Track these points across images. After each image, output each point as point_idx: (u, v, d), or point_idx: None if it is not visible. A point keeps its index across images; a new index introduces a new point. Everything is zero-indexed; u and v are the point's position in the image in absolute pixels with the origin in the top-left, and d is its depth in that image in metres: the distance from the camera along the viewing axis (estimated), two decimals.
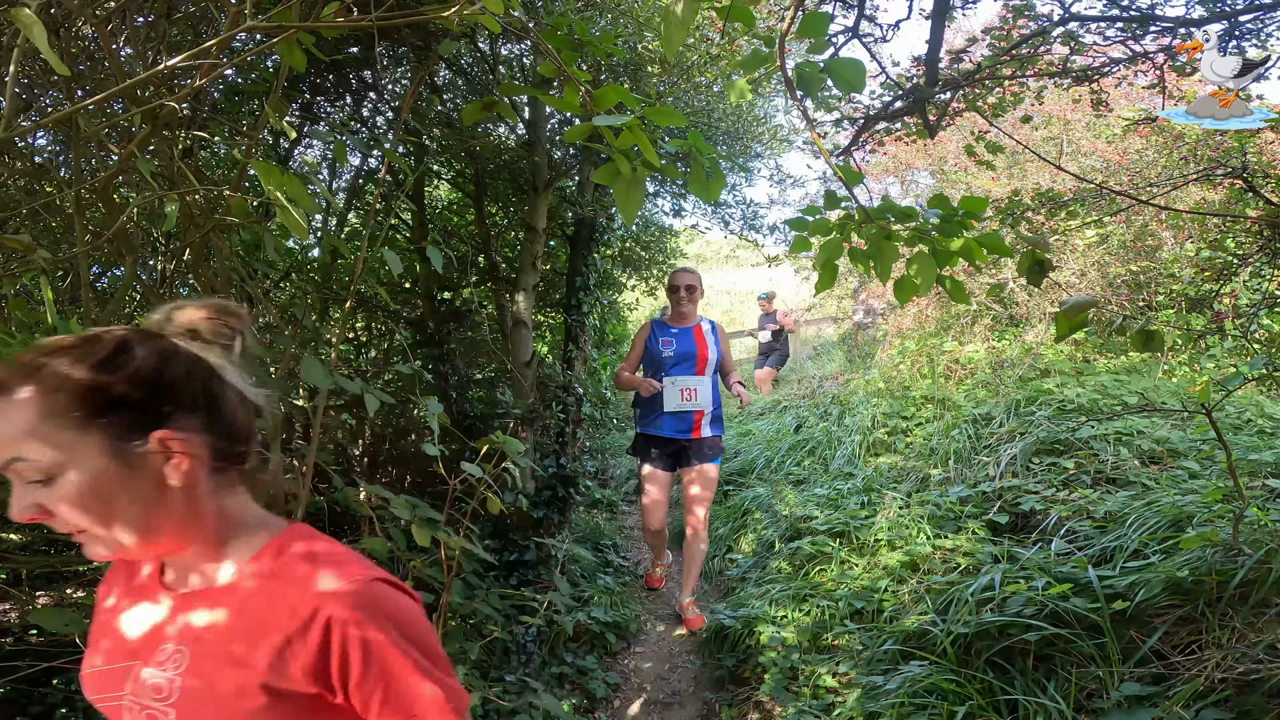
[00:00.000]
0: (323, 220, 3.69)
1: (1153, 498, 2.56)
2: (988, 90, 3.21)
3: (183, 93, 1.35)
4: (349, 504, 2.15)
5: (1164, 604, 1.99)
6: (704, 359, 3.49)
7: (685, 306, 3.53)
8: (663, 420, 3.51)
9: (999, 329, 6.11)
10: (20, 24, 0.76)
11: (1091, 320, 4.92)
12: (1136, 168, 5.41)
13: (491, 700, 2.36)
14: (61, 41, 1.57)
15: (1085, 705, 1.87)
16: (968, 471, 3.67)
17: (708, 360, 3.50)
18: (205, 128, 2.09)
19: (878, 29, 3.18)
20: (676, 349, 3.50)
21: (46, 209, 1.91)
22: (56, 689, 2.03)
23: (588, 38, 1.48)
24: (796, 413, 6.30)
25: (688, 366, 3.49)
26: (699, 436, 3.50)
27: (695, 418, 3.49)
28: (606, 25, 3.64)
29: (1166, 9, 8.37)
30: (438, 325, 3.61)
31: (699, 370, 3.50)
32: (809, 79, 1.34)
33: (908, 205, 1.44)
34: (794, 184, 7.15)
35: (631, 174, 1.29)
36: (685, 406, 3.45)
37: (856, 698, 2.30)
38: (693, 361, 3.49)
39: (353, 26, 1.07)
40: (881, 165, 8.97)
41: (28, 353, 0.68)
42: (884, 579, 2.96)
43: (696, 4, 1.20)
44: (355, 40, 2.75)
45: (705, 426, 3.51)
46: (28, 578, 2.54)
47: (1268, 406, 3.60)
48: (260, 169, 1.24)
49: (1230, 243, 3.61)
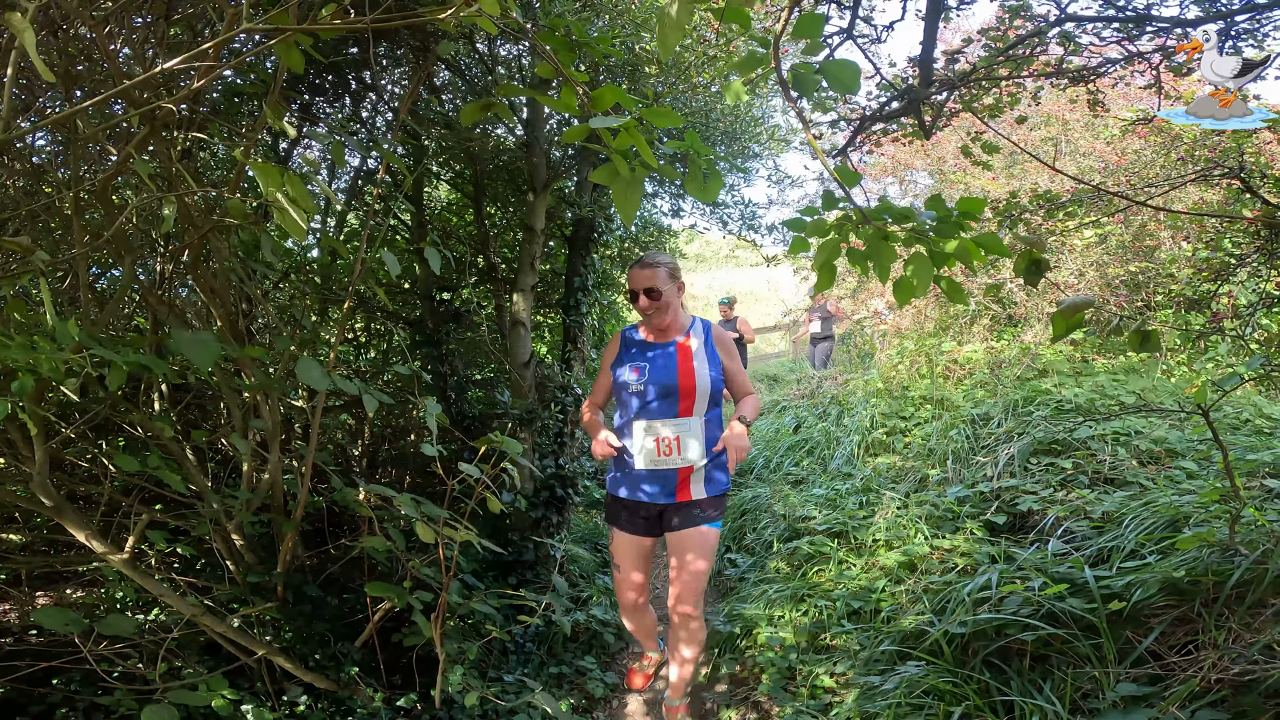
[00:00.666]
0: (322, 221, 3.69)
1: (1150, 498, 2.57)
2: (984, 91, 3.22)
3: (180, 94, 1.35)
4: (348, 504, 2.16)
5: (1160, 604, 2.00)
6: (690, 391, 2.33)
7: (656, 319, 2.40)
8: (635, 479, 2.42)
9: (998, 329, 6.12)
10: (12, 28, 0.76)
11: (1090, 320, 4.93)
12: (1135, 168, 5.42)
13: (490, 700, 2.37)
14: (59, 42, 1.57)
15: (1081, 705, 1.87)
16: (966, 472, 3.68)
17: (696, 393, 2.33)
18: (204, 129, 2.09)
19: (872, 30, 3.18)
20: (649, 377, 2.36)
21: (45, 210, 1.91)
22: (57, 689, 2.04)
23: (585, 39, 1.48)
24: (795, 413, 6.31)
25: (666, 405, 2.34)
26: (687, 499, 2.37)
27: (681, 476, 2.36)
28: (604, 26, 3.64)
29: (1162, 9, 8.35)
30: (436, 326, 3.62)
31: (683, 409, 2.34)
32: (804, 80, 1.34)
33: (905, 206, 1.44)
34: (792, 184, 7.14)
35: (630, 174, 1.29)
36: (665, 464, 2.35)
37: (854, 698, 2.30)
38: (673, 398, 2.34)
39: (348, 29, 1.07)
40: (880, 166, 8.98)
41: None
42: (882, 579, 2.96)
43: (692, 5, 1.20)
44: (354, 41, 2.76)
45: (697, 485, 2.37)
46: (28, 578, 2.55)
47: (1266, 406, 3.60)
48: (259, 170, 1.25)
49: (1227, 243, 3.61)
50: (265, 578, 2.19)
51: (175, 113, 1.37)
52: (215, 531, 2.13)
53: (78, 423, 2.01)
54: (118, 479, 2.06)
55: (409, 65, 3.43)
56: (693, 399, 2.33)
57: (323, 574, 2.43)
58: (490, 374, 4.38)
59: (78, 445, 2.14)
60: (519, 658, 2.99)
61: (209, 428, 2.49)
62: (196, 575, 2.34)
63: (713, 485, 2.39)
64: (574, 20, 2.39)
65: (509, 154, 3.99)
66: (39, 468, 1.58)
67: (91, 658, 1.73)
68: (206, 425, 2.59)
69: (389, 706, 2.28)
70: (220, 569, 2.26)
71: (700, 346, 2.41)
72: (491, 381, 4.14)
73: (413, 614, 1.99)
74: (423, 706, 2.35)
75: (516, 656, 2.99)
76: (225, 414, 2.45)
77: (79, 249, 1.55)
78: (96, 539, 1.72)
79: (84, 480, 2.24)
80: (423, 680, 2.38)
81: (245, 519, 2.14)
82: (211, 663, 2.09)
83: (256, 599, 2.17)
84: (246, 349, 1.80)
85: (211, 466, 2.54)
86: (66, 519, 1.67)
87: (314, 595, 2.27)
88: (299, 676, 2.12)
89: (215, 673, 1.92)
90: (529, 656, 3.02)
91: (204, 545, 2.30)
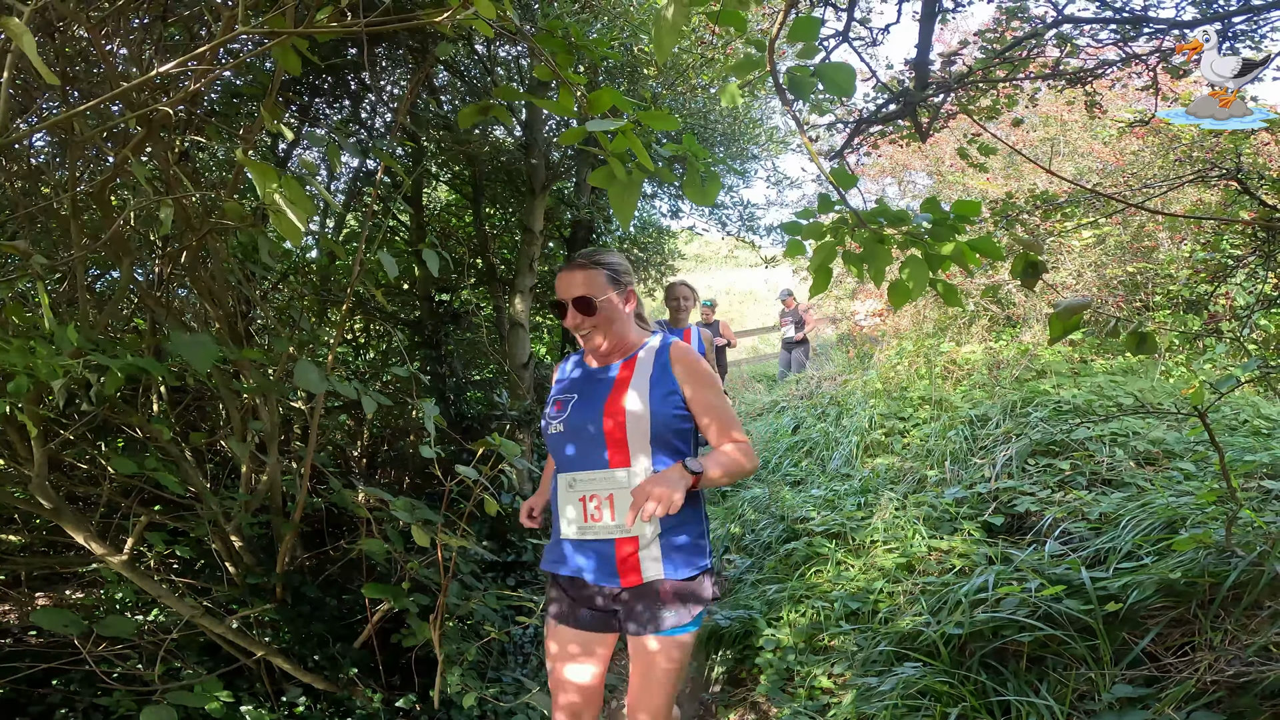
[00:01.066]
0: (320, 222, 3.69)
1: (1147, 499, 2.57)
2: (981, 93, 3.22)
3: (177, 97, 1.36)
4: (347, 505, 2.16)
5: (1157, 606, 2.00)
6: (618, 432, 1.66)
7: (590, 340, 1.75)
8: (564, 552, 1.76)
9: (996, 330, 6.12)
10: (10, 33, 0.77)
11: (1089, 321, 4.94)
12: (1133, 169, 5.43)
13: (489, 700, 2.37)
14: (56, 44, 1.57)
15: (1078, 706, 1.88)
16: (964, 473, 3.68)
17: (627, 435, 1.65)
18: (201, 131, 2.09)
19: (868, 33, 3.19)
20: (569, 415, 1.73)
21: (44, 212, 1.91)
22: (56, 690, 2.04)
23: (583, 41, 1.49)
24: (794, 413, 6.32)
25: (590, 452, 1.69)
26: (637, 583, 1.66)
27: (620, 550, 1.66)
28: (603, 28, 3.64)
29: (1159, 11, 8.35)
30: (435, 327, 3.62)
31: (613, 458, 1.66)
32: (800, 83, 1.34)
33: (900, 209, 1.44)
34: (791, 185, 7.16)
35: (626, 178, 1.29)
36: (594, 533, 1.68)
37: (851, 699, 2.31)
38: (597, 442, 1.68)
39: (344, 32, 1.07)
40: (879, 166, 8.98)
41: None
42: (879, 580, 2.96)
43: (687, 8, 1.20)
44: (353, 43, 2.76)
45: (650, 564, 1.65)
46: (27, 579, 2.55)
47: (1264, 407, 3.60)
48: (255, 169, 1.25)
49: (1225, 244, 3.61)
50: (264, 579, 2.19)
51: (172, 115, 1.37)
52: (214, 533, 2.13)
53: (77, 425, 2.01)
54: (116, 481, 2.06)
55: (408, 67, 3.43)
56: (623, 445, 1.64)
57: (321, 575, 2.44)
58: (489, 375, 4.38)
59: (77, 447, 2.14)
60: (517, 658, 2.99)
61: (207, 429, 2.49)
62: (195, 576, 2.34)
63: (676, 563, 1.65)
64: (572, 23, 2.39)
65: (508, 155, 3.99)
66: (38, 469, 1.58)
67: (91, 659, 1.74)
68: (205, 427, 2.60)
69: (387, 707, 2.28)
70: (219, 570, 2.26)
71: (645, 372, 1.71)
72: (490, 383, 4.14)
73: (409, 616, 1.99)
74: (421, 707, 2.35)
75: (515, 657, 2.99)
76: (224, 416, 2.45)
77: (77, 251, 1.56)
78: (95, 540, 1.72)
79: (83, 482, 2.25)
80: (421, 681, 2.38)
81: (244, 520, 2.14)
82: (210, 664, 2.10)
83: (255, 600, 2.17)
84: (245, 351, 1.81)
85: (210, 468, 2.55)
86: (65, 520, 1.67)
87: (313, 596, 2.28)
88: (298, 677, 2.13)
89: (214, 674, 1.92)
90: (527, 657, 3.02)
91: (203, 546, 2.31)
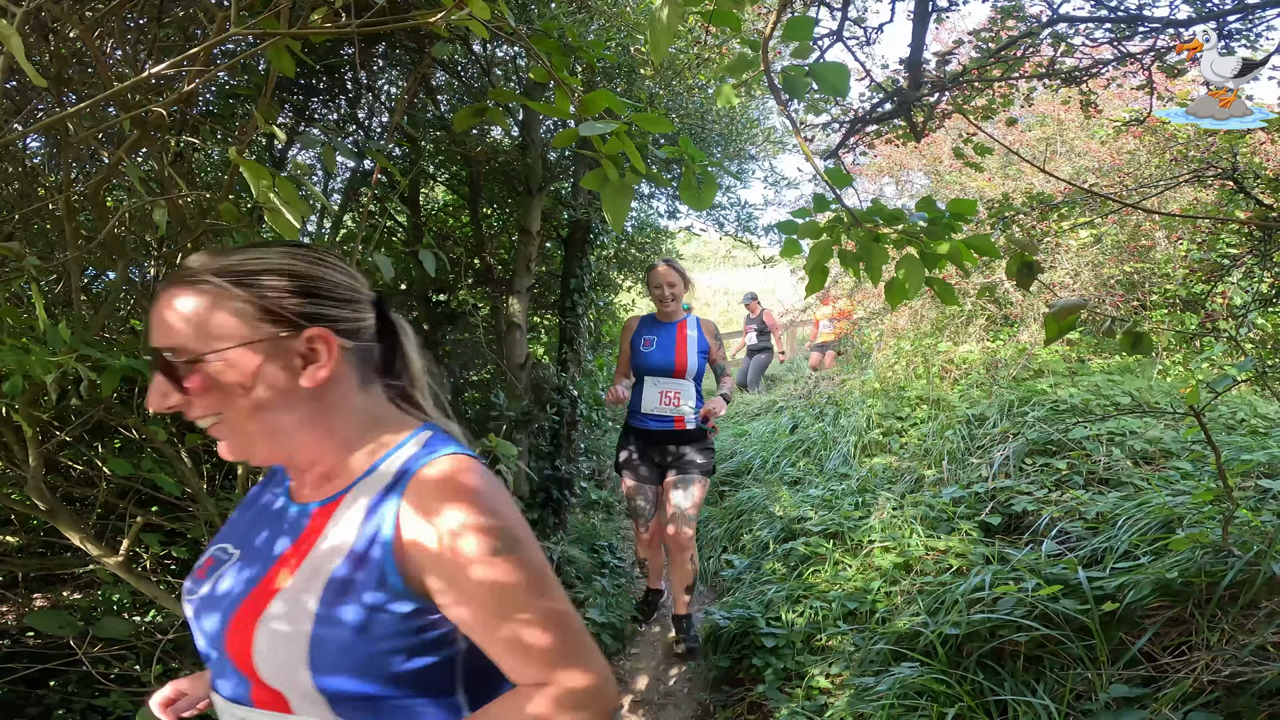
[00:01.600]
0: (317, 223, 3.69)
1: (1144, 499, 2.57)
2: (976, 92, 3.22)
3: (171, 98, 1.35)
4: None
5: (1154, 605, 2.00)
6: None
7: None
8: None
9: (994, 329, 6.12)
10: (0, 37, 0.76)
11: (1085, 320, 4.94)
12: (1130, 168, 5.43)
13: None
14: (50, 44, 1.57)
15: (1074, 706, 1.88)
16: (961, 472, 3.68)
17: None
18: (196, 132, 2.09)
19: (862, 32, 3.19)
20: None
21: (38, 214, 1.91)
22: (54, 691, 2.03)
23: (579, 43, 1.49)
24: (792, 413, 6.32)
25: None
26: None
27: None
28: (599, 29, 3.64)
29: (1154, 10, 8.40)
30: (432, 328, 3.62)
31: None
32: (795, 83, 1.34)
33: (896, 208, 1.44)
34: (788, 185, 7.15)
35: (619, 180, 1.29)
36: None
37: (848, 699, 2.31)
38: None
39: (337, 33, 1.07)
40: (876, 166, 8.97)
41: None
42: (877, 580, 2.97)
43: (681, 9, 1.20)
44: (348, 43, 2.76)
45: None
46: (24, 580, 2.55)
47: (1261, 406, 3.60)
48: (249, 168, 1.24)
49: (1222, 243, 3.61)
50: None
51: (165, 116, 1.37)
52: (210, 534, 2.12)
53: (72, 425, 2.01)
54: (113, 482, 2.06)
55: (405, 67, 3.43)
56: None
57: None
58: (486, 376, 4.38)
59: (73, 448, 2.14)
60: None
61: (204, 430, 2.48)
62: None
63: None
64: (568, 24, 2.39)
65: (505, 156, 3.99)
66: (34, 470, 1.58)
67: (88, 660, 1.73)
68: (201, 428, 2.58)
69: None
70: None
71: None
72: (487, 383, 4.14)
73: None
74: None
75: None
76: None
77: (72, 252, 1.55)
78: (91, 541, 1.72)
79: (79, 483, 2.24)
80: None
81: None
82: None
83: None
84: None
85: (206, 469, 2.54)
86: (61, 522, 1.67)
87: None
88: None
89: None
90: None
91: (199, 547, 2.30)
